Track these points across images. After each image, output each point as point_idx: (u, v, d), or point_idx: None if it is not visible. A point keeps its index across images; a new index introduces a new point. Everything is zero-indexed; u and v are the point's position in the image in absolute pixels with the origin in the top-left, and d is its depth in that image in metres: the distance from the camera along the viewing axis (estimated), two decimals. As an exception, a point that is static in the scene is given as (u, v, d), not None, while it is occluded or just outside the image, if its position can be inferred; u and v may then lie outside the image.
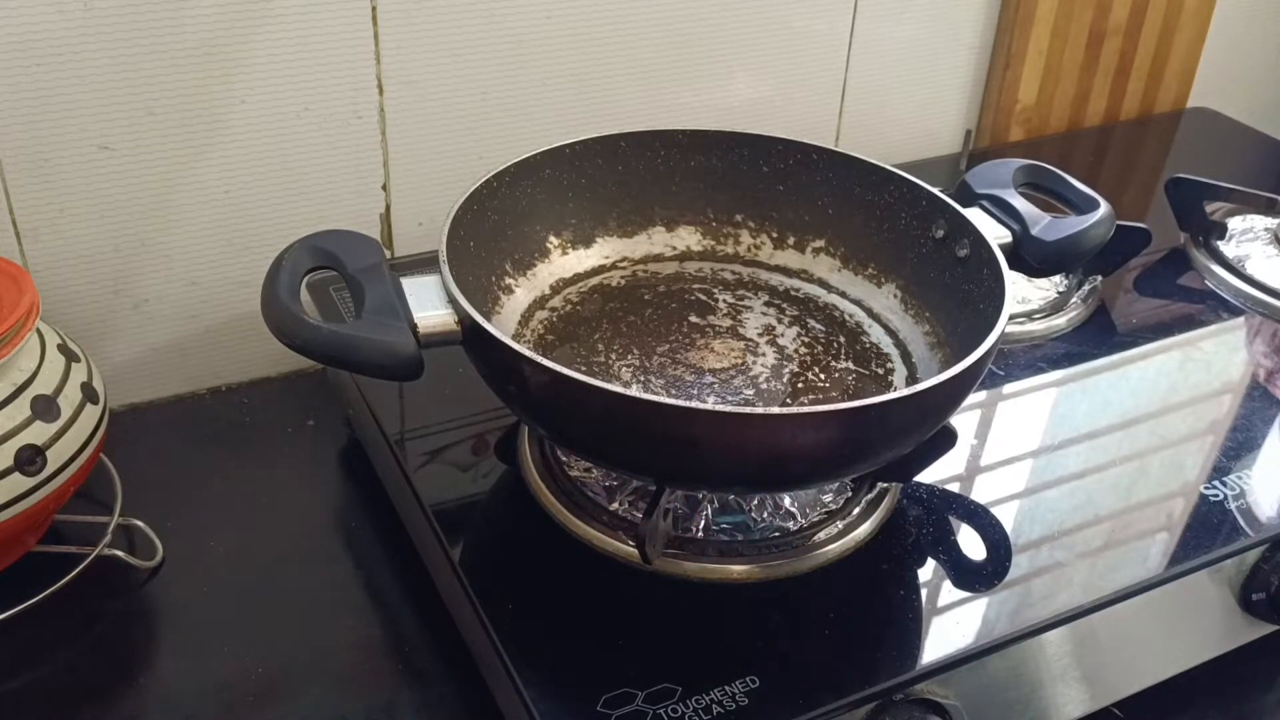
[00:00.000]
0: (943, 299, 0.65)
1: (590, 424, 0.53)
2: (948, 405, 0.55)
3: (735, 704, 0.50)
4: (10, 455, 0.56)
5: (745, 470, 0.53)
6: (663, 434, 0.50)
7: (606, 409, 0.51)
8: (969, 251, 0.62)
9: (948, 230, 0.64)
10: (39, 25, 0.64)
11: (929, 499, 0.62)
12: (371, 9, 0.72)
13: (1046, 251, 0.63)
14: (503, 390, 0.55)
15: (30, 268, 0.70)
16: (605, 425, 0.52)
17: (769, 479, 0.55)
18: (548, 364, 0.50)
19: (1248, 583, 0.61)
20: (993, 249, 0.60)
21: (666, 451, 0.52)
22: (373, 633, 0.61)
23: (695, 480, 0.56)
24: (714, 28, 0.85)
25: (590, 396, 0.50)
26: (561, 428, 0.56)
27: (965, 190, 0.66)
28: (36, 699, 0.57)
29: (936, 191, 0.65)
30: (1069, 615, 0.55)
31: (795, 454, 0.52)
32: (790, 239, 0.71)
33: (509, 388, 0.54)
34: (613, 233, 0.71)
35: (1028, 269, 0.64)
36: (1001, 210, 0.64)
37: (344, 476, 0.72)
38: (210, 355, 0.78)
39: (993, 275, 0.59)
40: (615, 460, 0.57)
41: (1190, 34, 1.07)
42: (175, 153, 0.71)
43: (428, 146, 0.79)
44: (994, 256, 0.60)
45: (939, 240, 0.65)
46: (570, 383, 0.50)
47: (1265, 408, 0.70)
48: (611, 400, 0.50)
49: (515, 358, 0.51)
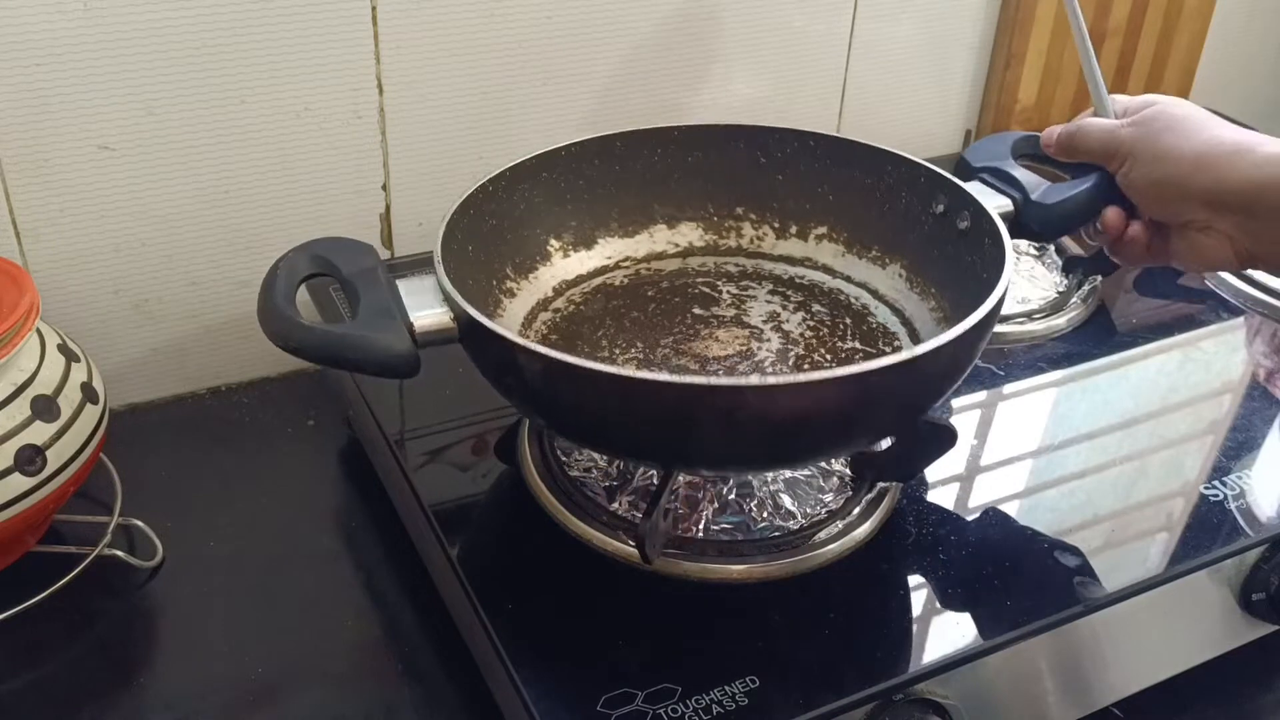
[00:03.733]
0: (947, 274, 0.64)
1: (589, 409, 0.52)
2: (951, 371, 0.54)
3: (735, 704, 0.50)
4: (10, 455, 0.56)
5: (744, 445, 0.52)
6: (660, 412, 0.50)
7: (603, 391, 0.50)
8: (970, 223, 0.62)
9: (948, 205, 0.64)
10: (39, 25, 0.64)
11: (929, 499, 0.62)
12: (371, 9, 0.72)
13: (1048, 215, 0.63)
14: (501, 383, 0.55)
15: (30, 268, 0.70)
16: (603, 409, 0.52)
17: (769, 454, 0.54)
18: (542, 350, 0.49)
19: (1248, 583, 0.61)
20: (993, 218, 0.60)
21: (666, 431, 0.51)
22: (373, 633, 0.61)
23: (698, 460, 0.55)
24: (714, 27, 0.85)
25: (586, 379, 0.50)
26: (561, 416, 0.55)
27: (964, 166, 0.67)
28: (36, 699, 0.57)
29: (935, 167, 0.65)
30: (1069, 615, 0.55)
31: (795, 425, 0.51)
32: (793, 228, 0.71)
33: (507, 379, 0.54)
34: (614, 233, 0.71)
35: (1031, 234, 0.64)
36: (1001, 180, 0.65)
37: (344, 476, 0.72)
38: (210, 355, 0.78)
39: (994, 244, 0.59)
40: (617, 446, 0.56)
41: (1190, 34, 1.07)
42: (175, 153, 0.71)
43: (427, 146, 0.79)
44: (994, 225, 0.60)
45: (940, 215, 0.65)
46: (566, 367, 0.49)
47: (1265, 408, 0.70)
48: (607, 381, 0.50)
49: (510, 348, 0.51)
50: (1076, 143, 0.63)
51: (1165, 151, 0.59)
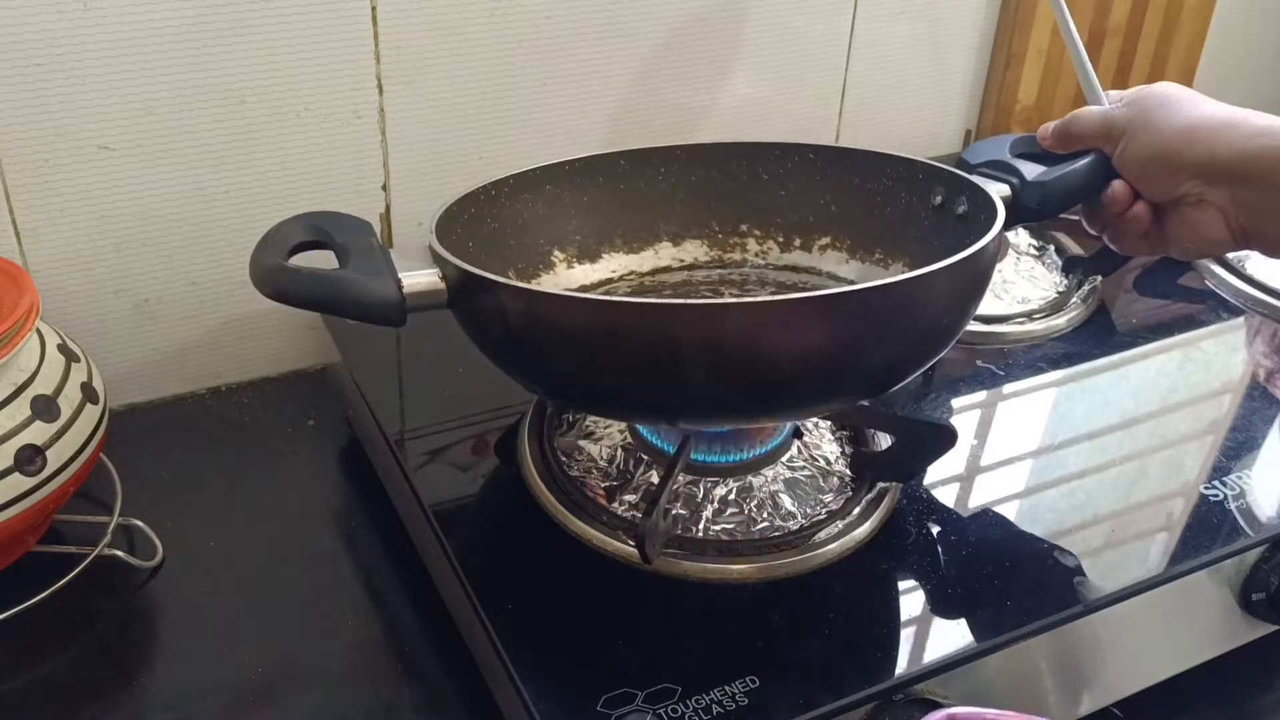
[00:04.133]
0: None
1: (577, 351, 0.52)
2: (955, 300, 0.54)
3: (735, 704, 0.50)
4: (10, 455, 0.56)
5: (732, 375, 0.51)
6: (647, 340, 0.49)
7: (588, 324, 0.49)
8: (967, 206, 0.62)
9: (945, 194, 0.64)
10: (39, 25, 0.64)
11: (929, 499, 0.62)
12: (371, 9, 0.72)
13: (1046, 191, 0.62)
14: (490, 341, 0.55)
15: (30, 268, 0.70)
16: (590, 348, 0.51)
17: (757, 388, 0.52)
18: (525, 286, 0.48)
19: (1248, 583, 0.61)
20: (988, 194, 0.60)
21: (656, 366, 0.50)
22: (373, 633, 0.61)
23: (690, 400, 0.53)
24: (714, 28, 0.85)
25: (570, 310, 0.49)
26: (551, 368, 0.54)
27: (962, 166, 0.66)
28: (36, 699, 0.57)
29: (931, 162, 0.65)
30: (1069, 615, 0.55)
31: (782, 351, 0.50)
32: (796, 240, 0.71)
33: (495, 331, 0.54)
34: (618, 249, 0.71)
35: (1030, 214, 0.63)
36: (999, 170, 0.64)
37: (344, 476, 0.72)
38: (210, 355, 0.78)
39: (988, 219, 0.57)
40: (606, 394, 0.55)
41: (1190, 34, 1.07)
42: (175, 153, 0.71)
43: (428, 146, 0.79)
44: (990, 200, 0.59)
45: (938, 207, 0.65)
46: (550, 299, 0.48)
47: (1265, 408, 0.70)
48: (591, 310, 0.49)
49: (493, 286, 0.50)
50: (1072, 129, 0.64)
51: (1158, 127, 0.60)
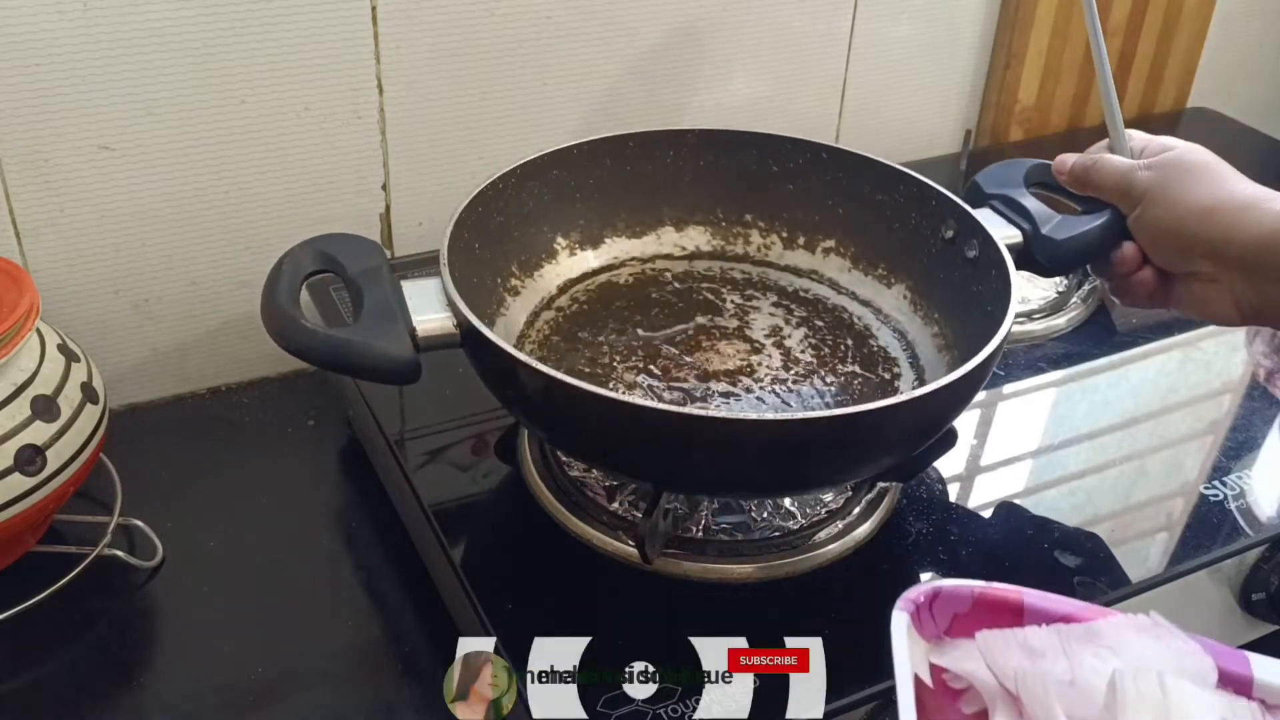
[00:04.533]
0: (952, 300, 0.64)
1: (587, 428, 0.53)
2: (948, 411, 0.55)
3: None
4: (10, 455, 0.56)
5: (741, 475, 0.53)
6: (658, 439, 0.50)
7: (602, 414, 0.50)
8: (979, 252, 0.62)
9: (957, 230, 0.64)
10: (39, 25, 0.64)
11: (929, 499, 0.62)
12: (371, 9, 0.72)
13: (1056, 251, 0.62)
14: (501, 394, 0.55)
15: (30, 268, 0.70)
16: (601, 430, 0.52)
17: (766, 484, 0.55)
18: (543, 369, 0.50)
19: (1248, 583, 0.61)
20: (1001, 251, 0.60)
21: (663, 456, 0.52)
22: (373, 633, 0.61)
23: (692, 485, 0.56)
24: (714, 27, 0.85)
25: (586, 401, 0.50)
26: (559, 431, 0.56)
27: (976, 190, 0.66)
28: (36, 699, 0.57)
29: (947, 191, 0.65)
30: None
31: (791, 460, 0.51)
32: (800, 238, 0.71)
33: (506, 391, 0.54)
34: (621, 233, 0.71)
35: (1039, 269, 0.63)
36: (1012, 210, 0.64)
37: (344, 476, 0.72)
38: (210, 355, 0.78)
39: (1000, 277, 0.59)
40: (613, 465, 0.57)
41: (1190, 34, 1.07)
42: (175, 153, 0.71)
43: (428, 146, 0.79)
44: (1002, 259, 0.59)
45: (949, 240, 0.64)
46: (565, 388, 0.50)
47: (1265, 408, 0.70)
48: (606, 405, 0.50)
49: (511, 362, 0.51)
50: (1091, 177, 0.62)
51: (1177, 199, 0.58)
